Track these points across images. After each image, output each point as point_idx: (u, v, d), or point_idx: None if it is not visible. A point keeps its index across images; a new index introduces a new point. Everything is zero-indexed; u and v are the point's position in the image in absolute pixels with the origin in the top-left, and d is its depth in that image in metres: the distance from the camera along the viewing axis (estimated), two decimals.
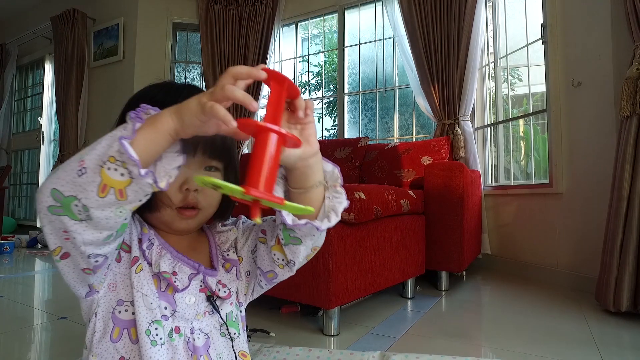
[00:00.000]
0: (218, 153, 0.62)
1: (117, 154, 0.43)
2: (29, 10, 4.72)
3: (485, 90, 2.76)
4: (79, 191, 0.44)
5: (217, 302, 0.65)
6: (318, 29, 3.61)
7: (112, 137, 0.44)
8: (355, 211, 1.28)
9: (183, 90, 0.61)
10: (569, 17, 2.08)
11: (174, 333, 0.59)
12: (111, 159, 0.44)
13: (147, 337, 0.56)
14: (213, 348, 0.62)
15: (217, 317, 0.64)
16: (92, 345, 0.58)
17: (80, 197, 0.44)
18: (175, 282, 0.60)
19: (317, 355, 1.12)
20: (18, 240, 3.56)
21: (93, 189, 0.44)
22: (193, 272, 0.62)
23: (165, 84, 0.64)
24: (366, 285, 1.43)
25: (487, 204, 2.56)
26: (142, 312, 0.57)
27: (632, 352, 1.24)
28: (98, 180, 0.44)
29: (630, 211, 1.52)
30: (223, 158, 0.64)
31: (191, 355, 0.60)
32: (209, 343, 0.62)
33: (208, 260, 0.67)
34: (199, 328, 0.62)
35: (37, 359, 1.22)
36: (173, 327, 0.59)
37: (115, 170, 0.44)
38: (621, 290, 1.49)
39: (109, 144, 0.44)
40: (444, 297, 1.89)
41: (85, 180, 0.44)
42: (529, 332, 1.40)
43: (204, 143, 0.59)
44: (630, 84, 1.53)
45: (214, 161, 0.63)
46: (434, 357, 1.07)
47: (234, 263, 0.68)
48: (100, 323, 0.58)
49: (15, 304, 1.80)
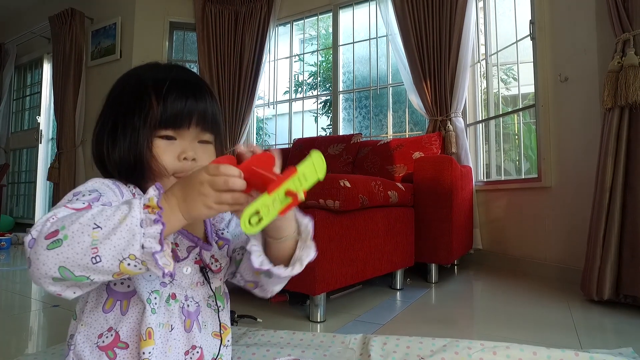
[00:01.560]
0: (210, 127, 0.66)
1: (138, 253, 0.46)
2: (27, 10, 4.76)
3: (477, 87, 2.80)
4: (92, 273, 0.47)
5: (209, 274, 0.69)
6: (314, 29, 3.65)
7: (131, 231, 0.45)
8: (340, 199, 1.30)
9: (172, 69, 0.66)
10: (556, 13, 2.11)
11: (171, 299, 0.63)
12: (131, 257, 0.46)
13: (149, 306, 0.60)
14: (201, 316, 0.67)
15: (207, 288, 0.69)
16: (83, 315, 0.61)
17: (93, 278, 0.47)
18: (177, 252, 0.65)
19: (301, 338, 1.15)
20: (15, 237, 3.59)
21: (108, 275, 0.47)
22: (191, 245, 0.67)
23: (151, 64, 0.69)
24: (353, 273, 1.46)
25: (479, 199, 2.59)
26: (141, 284, 0.60)
27: (613, 335, 1.27)
28: (115, 270, 0.47)
29: (612, 202, 1.55)
30: (214, 131, 0.67)
31: (184, 320, 0.64)
32: (198, 311, 0.66)
33: (203, 235, 0.71)
34: (192, 296, 0.66)
35: (31, 340, 1.25)
36: (170, 293, 0.63)
37: (135, 266, 0.47)
38: (604, 280, 1.52)
39: (129, 240, 0.45)
40: (433, 288, 1.91)
41: (101, 269, 0.46)
42: (512, 319, 1.43)
43: (197, 117, 0.63)
44: (612, 77, 1.56)
45: (207, 134, 0.66)
46: (414, 338, 1.10)
47: (226, 242, 0.72)
48: (94, 294, 0.61)
49: (13, 295, 1.83)
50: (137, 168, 0.61)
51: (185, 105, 0.62)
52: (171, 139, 0.63)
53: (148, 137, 0.61)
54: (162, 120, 0.61)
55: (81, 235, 0.45)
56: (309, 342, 1.13)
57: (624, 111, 1.55)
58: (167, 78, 0.63)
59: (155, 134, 0.62)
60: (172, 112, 0.61)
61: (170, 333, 0.62)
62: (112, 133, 0.63)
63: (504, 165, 2.70)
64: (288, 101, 3.74)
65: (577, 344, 1.16)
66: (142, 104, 0.61)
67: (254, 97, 3.58)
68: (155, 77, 0.64)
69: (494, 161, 2.69)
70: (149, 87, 0.62)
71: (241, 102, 3.56)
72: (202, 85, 0.66)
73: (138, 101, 0.62)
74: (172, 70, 0.66)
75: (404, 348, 1.05)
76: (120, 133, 0.62)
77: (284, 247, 0.63)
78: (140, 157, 0.61)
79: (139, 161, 0.61)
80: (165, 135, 0.62)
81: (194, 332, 0.64)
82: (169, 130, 0.62)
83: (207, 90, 0.66)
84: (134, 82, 0.65)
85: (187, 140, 0.64)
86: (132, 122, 0.61)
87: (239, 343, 1.11)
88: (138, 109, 0.61)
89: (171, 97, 0.61)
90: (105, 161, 0.64)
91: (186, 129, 0.63)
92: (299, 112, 3.70)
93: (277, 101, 3.79)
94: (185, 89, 0.63)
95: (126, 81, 0.66)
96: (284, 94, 3.83)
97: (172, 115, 0.61)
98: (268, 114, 3.91)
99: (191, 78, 0.66)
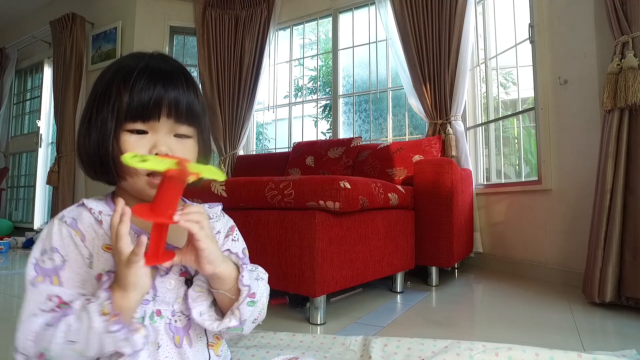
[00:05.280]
0: (184, 119, 0.60)
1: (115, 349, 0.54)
2: (28, 14, 4.78)
3: (476, 91, 2.80)
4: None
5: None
6: (314, 33, 3.66)
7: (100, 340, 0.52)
8: (341, 200, 1.30)
9: (148, 58, 0.61)
10: (554, 16, 2.12)
11: (155, 316, 0.60)
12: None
13: None
14: (193, 329, 0.63)
15: None
16: None
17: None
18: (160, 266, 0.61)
19: (301, 340, 1.14)
20: (14, 241, 3.58)
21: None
22: None
23: (134, 53, 0.64)
24: (353, 275, 1.45)
25: (479, 203, 2.58)
26: None
27: (616, 338, 1.26)
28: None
29: (613, 204, 1.54)
30: (192, 124, 0.61)
31: (173, 336, 0.61)
32: (189, 325, 0.63)
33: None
34: (180, 310, 0.62)
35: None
36: (154, 310, 0.60)
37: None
38: (605, 282, 1.51)
39: (102, 346, 0.52)
40: (433, 291, 1.90)
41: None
42: (514, 322, 1.42)
43: (167, 106, 0.58)
44: (612, 79, 1.57)
45: (183, 127, 0.60)
46: (415, 340, 1.09)
47: None
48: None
49: (12, 298, 1.82)
50: (105, 164, 0.58)
51: (154, 93, 0.56)
52: (142, 133, 0.58)
53: (115, 131, 0.57)
54: (129, 112, 0.56)
55: (66, 351, 0.52)
56: (309, 343, 1.12)
57: (624, 113, 1.55)
58: (138, 66, 0.58)
59: (124, 127, 0.57)
60: (138, 102, 0.56)
61: (158, 351, 0.59)
62: (87, 129, 0.59)
63: (504, 169, 2.70)
64: (288, 105, 3.75)
65: (579, 346, 1.15)
66: (110, 94, 0.57)
67: (253, 101, 3.58)
68: (127, 67, 0.58)
69: (494, 165, 2.68)
70: (119, 77, 0.58)
71: (241, 106, 3.57)
72: (175, 73, 0.60)
73: (107, 92, 0.57)
74: (148, 58, 0.60)
75: (405, 349, 1.04)
76: (92, 126, 0.58)
77: (220, 298, 0.62)
78: (106, 152, 0.57)
79: (106, 157, 0.57)
80: (135, 130, 0.57)
81: (184, 348, 0.61)
82: (137, 123, 0.57)
83: (181, 78, 0.60)
84: (109, 73, 0.60)
85: (160, 133, 0.58)
86: (102, 114, 0.57)
87: (238, 345, 1.10)
88: (107, 101, 0.57)
89: (138, 85, 0.56)
90: (82, 160, 0.60)
91: (156, 120, 0.57)
92: (299, 117, 3.70)
93: (276, 105, 3.79)
94: (153, 77, 0.57)
95: (104, 73, 0.61)
96: (283, 98, 3.84)
97: (138, 105, 0.56)
98: (268, 118, 3.92)
99: (165, 65, 0.60)
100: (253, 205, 1.45)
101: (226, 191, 1.50)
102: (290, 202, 1.35)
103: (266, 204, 1.41)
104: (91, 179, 0.63)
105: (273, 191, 1.39)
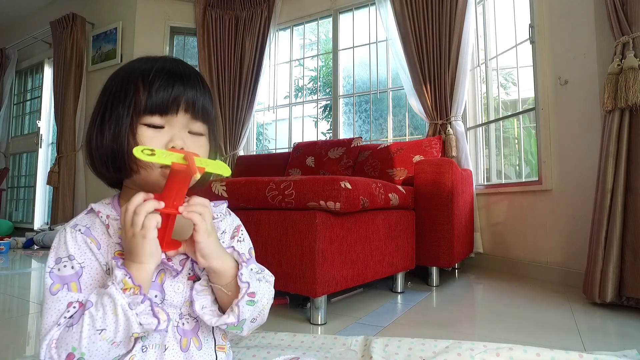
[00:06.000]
0: (200, 115, 0.62)
1: (139, 330, 0.54)
2: (29, 15, 4.78)
3: (476, 91, 2.80)
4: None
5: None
6: (314, 33, 3.67)
7: (126, 318, 0.53)
8: (341, 200, 1.30)
9: (163, 60, 0.63)
10: (555, 17, 2.12)
11: None
12: (135, 334, 0.55)
13: None
14: (201, 331, 0.64)
15: None
16: None
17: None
18: (172, 266, 0.62)
19: (302, 340, 1.14)
20: (14, 241, 3.58)
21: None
22: (183, 258, 0.64)
23: (143, 57, 0.66)
24: (353, 275, 1.45)
25: (479, 203, 2.58)
26: None
27: (616, 338, 1.26)
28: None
29: (613, 204, 1.54)
30: (205, 122, 0.64)
31: (180, 339, 0.61)
32: (197, 327, 0.63)
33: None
34: (188, 313, 0.63)
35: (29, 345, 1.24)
36: None
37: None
38: (606, 282, 1.51)
39: (128, 325, 0.53)
40: (434, 291, 1.90)
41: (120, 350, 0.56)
42: (514, 322, 1.42)
43: (185, 103, 0.60)
44: (612, 79, 1.57)
45: (197, 124, 0.62)
46: (416, 340, 1.09)
47: None
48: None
49: (11, 298, 1.82)
50: (119, 159, 0.58)
51: (172, 90, 0.59)
52: (159, 127, 0.59)
53: (132, 124, 0.58)
54: (147, 106, 0.58)
55: (95, 344, 0.52)
56: (310, 344, 1.12)
57: (624, 113, 1.56)
58: (155, 66, 0.61)
59: (141, 121, 0.58)
60: (158, 97, 0.58)
61: (164, 354, 0.59)
62: (100, 126, 0.60)
63: (504, 169, 2.70)
64: (288, 105, 3.75)
65: (580, 346, 1.15)
66: (127, 91, 0.59)
67: (254, 102, 3.58)
68: (143, 67, 0.61)
69: (494, 165, 2.68)
70: (136, 75, 0.60)
71: (241, 106, 3.57)
72: (192, 75, 0.63)
73: (124, 90, 0.59)
74: (163, 60, 0.63)
75: (405, 350, 1.04)
76: (106, 123, 0.59)
77: (219, 294, 0.63)
78: (121, 147, 0.58)
79: (121, 150, 0.58)
80: (152, 124, 0.59)
81: (192, 351, 0.62)
82: (155, 117, 0.59)
83: (198, 80, 0.63)
84: (122, 73, 0.62)
85: (177, 128, 0.60)
86: (117, 111, 0.59)
87: (239, 345, 1.10)
88: (123, 97, 0.59)
89: (157, 82, 0.59)
90: (94, 157, 0.61)
91: (174, 114, 0.59)
92: (299, 117, 3.71)
93: (277, 106, 3.80)
94: (172, 75, 0.60)
95: (116, 74, 0.64)
96: (284, 98, 3.84)
97: (158, 100, 0.58)
98: (268, 119, 3.92)
99: (181, 66, 0.63)
100: (254, 205, 1.45)
101: (227, 191, 1.50)
102: (290, 203, 1.35)
103: (267, 204, 1.41)
104: (99, 177, 0.63)
105: (274, 191, 1.39)
